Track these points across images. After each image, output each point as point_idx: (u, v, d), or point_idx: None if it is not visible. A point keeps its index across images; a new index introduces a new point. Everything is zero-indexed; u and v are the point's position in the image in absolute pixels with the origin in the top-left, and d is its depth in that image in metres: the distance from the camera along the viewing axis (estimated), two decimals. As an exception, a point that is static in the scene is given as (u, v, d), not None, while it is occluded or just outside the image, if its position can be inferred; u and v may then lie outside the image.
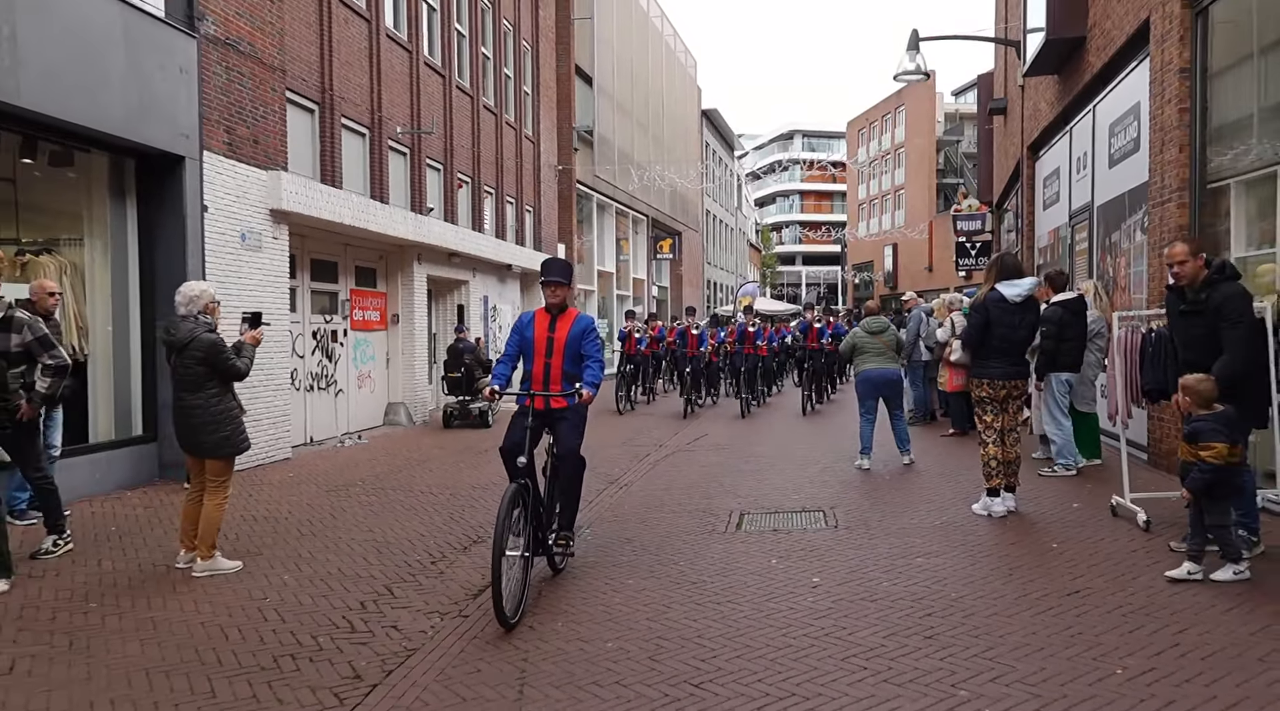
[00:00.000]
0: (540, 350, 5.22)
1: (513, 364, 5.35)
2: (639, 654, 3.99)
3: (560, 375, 5.19)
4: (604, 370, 5.43)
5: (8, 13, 6.48)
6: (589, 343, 5.27)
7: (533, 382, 5.21)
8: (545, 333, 5.25)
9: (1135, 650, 3.76)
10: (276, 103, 10.12)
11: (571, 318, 5.31)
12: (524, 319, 5.41)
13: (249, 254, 9.56)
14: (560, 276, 5.31)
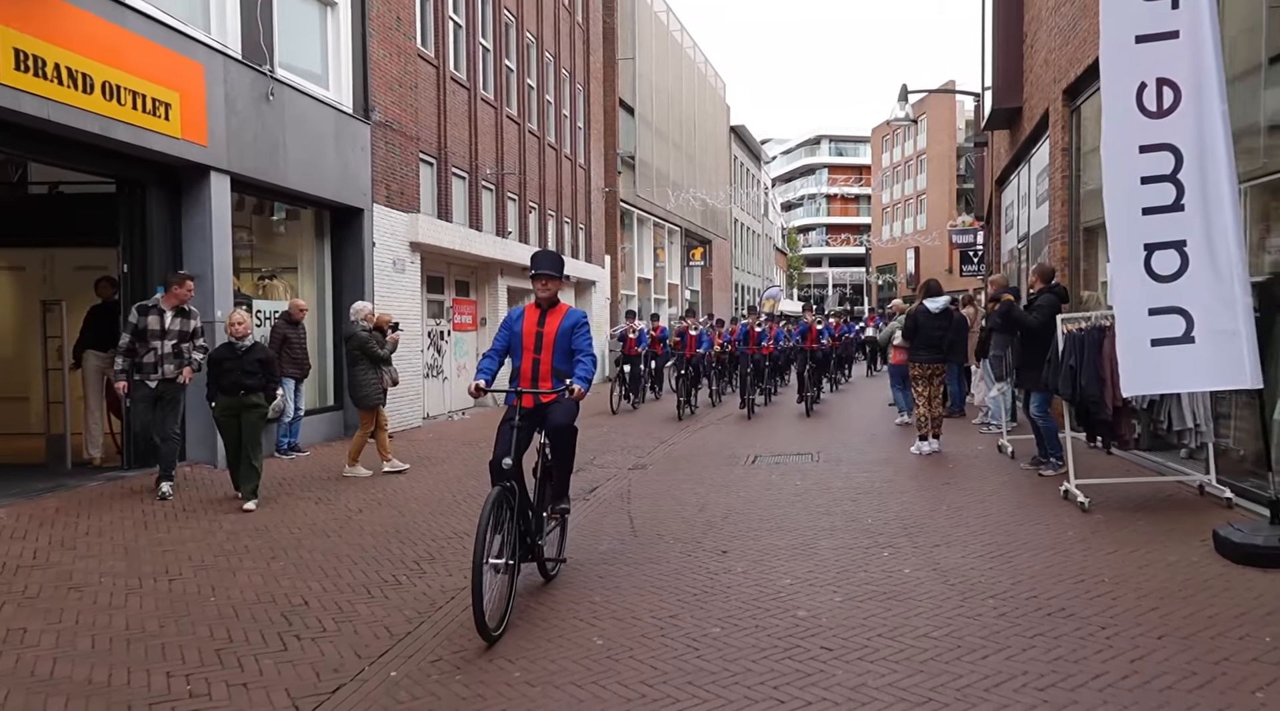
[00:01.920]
0: (529, 346, 4.98)
1: (499, 359, 5.10)
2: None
3: (550, 372, 4.96)
4: (597, 366, 5.15)
5: (281, 129, 10.06)
6: (580, 337, 5.01)
7: (521, 379, 5.00)
8: (534, 327, 5.00)
9: (969, 502, 7.13)
10: (413, 163, 13.69)
11: (562, 312, 5.06)
12: (513, 314, 5.16)
13: (398, 275, 13.14)
14: (550, 269, 5.03)
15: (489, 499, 4.25)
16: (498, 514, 4.30)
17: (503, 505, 4.37)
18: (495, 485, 4.45)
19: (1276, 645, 3.84)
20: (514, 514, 4.48)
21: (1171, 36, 5.14)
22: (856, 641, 4.07)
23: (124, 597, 4.94)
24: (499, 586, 4.38)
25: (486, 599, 4.09)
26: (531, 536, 4.76)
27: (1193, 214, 5.15)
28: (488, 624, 4.04)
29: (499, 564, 4.32)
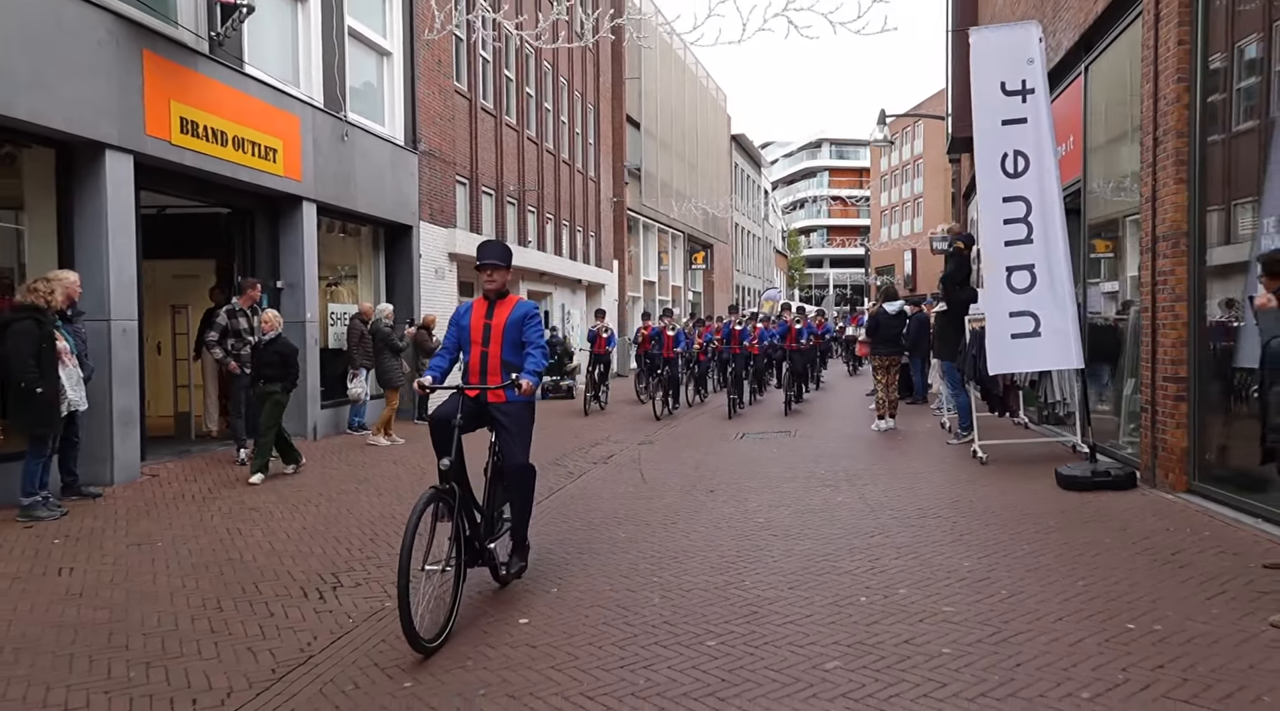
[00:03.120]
0: (477, 339, 4.85)
1: (451, 356, 4.95)
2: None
3: (498, 365, 4.80)
4: (547, 359, 4.96)
5: (351, 163, 12.25)
6: (530, 329, 4.85)
7: (469, 374, 4.88)
8: (482, 320, 4.86)
9: (901, 461, 9.29)
10: (450, 184, 15.89)
11: (511, 304, 4.90)
12: (461, 308, 5.03)
13: (439, 281, 15.34)
14: (496, 259, 4.87)
15: (418, 502, 4.06)
16: (435, 515, 4.20)
17: (437, 508, 4.20)
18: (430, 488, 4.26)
19: (1057, 526, 6.01)
20: (452, 514, 4.27)
21: (1022, 121, 7.32)
22: (794, 532, 6.22)
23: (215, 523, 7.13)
24: (436, 593, 4.24)
25: (418, 607, 3.97)
26: (480, 540, 4.57)
27: (1038, 246, 7.32)
28: (419, 633, 3.85)
29: (434, 570, 4.17)
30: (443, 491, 4.26)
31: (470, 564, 4.50)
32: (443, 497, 4.26)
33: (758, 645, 3.99)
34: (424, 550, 4.08)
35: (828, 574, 5.09)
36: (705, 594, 4.78)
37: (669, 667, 3.79)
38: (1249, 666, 3.53)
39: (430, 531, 4.16)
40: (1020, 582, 4.78)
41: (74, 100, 7.49)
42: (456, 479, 4.39)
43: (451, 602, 4.23)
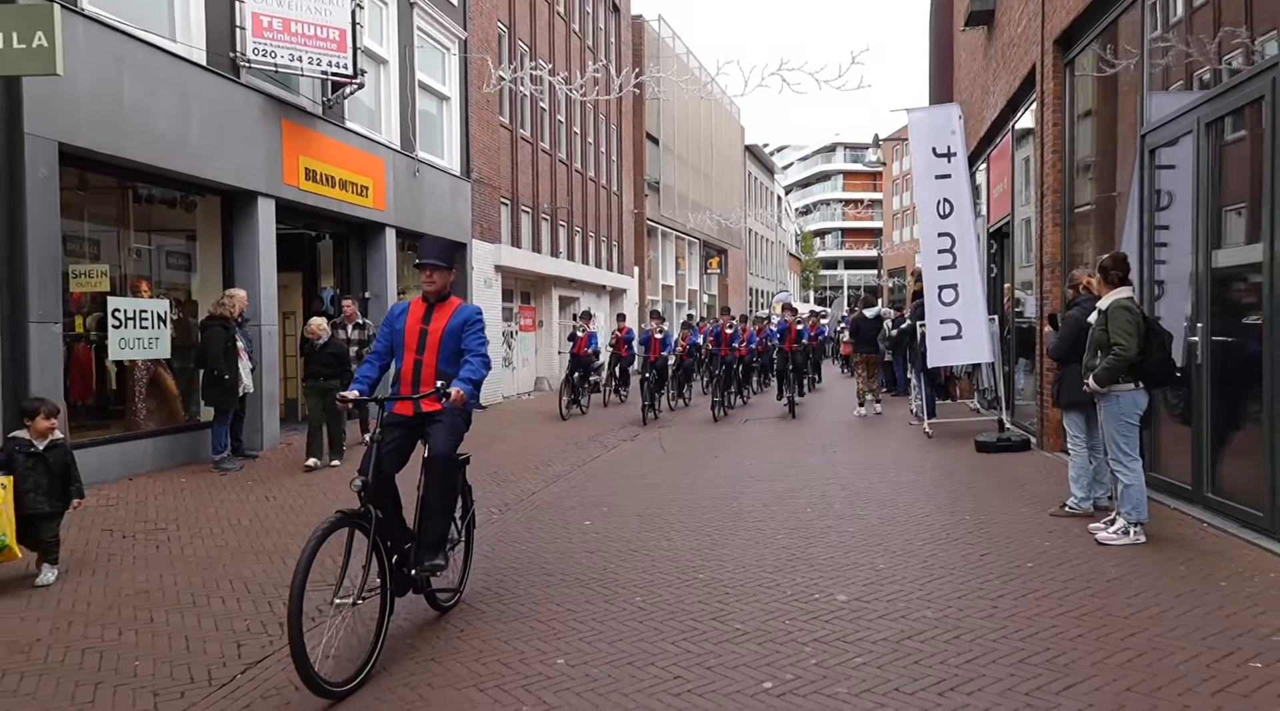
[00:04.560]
0: (410, 345, 4.39)
1: (380, 363, 4.49)
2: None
3: (433, 375, 4.32)
4: (488, 369, 4.45)
5: (420, 193, 14.79)
6: (470, 335, 4.40)
7: (401, 384, 4.42)
8: (418, 324, 4.40)
9: (868, 436, 11.72)
10: (495, 206, 18.43)
11: (451, 307, 4.45)
12: (395, 309, 4.58)
13: (487, 289, 17.87)
14: (436, 259, 4.42)
15: (318, 529, 3.62)
16: (349, 542, 3.76)
17: (350, 534, 3.78)
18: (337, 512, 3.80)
19: (958, 472, 8.43)
20: (370, 542, 3.82)
21: (948, 176, 9.74)
22: (770, 476, 8.65)
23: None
24: (350, 630, 3.88)
25: (323, 646, 3.64)
26: (409, 566, 4.20)
27: (960, 270, 9.74)
28: (319, 676, 3.43)
29: (344, 603, 3.69)
30: (353, 515, 3.80)
31: (400, 592, 4.13)
32: (355, 522, 3.80)
33: (737, 532, 6.42)
34: (336, 581, 3.70)
35: (788, 498, 7.53)
36: (710, 514, 7.23)
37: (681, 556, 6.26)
38: (1030, 536, 5.94)
39: (343, 560, 3.73)
40: (913, 501, 7.21)
41: (238, 161, 10.05)
42: (378, 500, 3.98)
43: (374, 640, 3.82)
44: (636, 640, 4.13)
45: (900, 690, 3.48)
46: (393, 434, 4.31)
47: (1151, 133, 6.79)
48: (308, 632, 3.50)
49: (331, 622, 3.81)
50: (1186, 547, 5.36)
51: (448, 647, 4.14)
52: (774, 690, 3.52)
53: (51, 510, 5.32)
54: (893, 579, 4.98)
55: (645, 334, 15.61)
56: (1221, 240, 5.89)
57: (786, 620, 4.34)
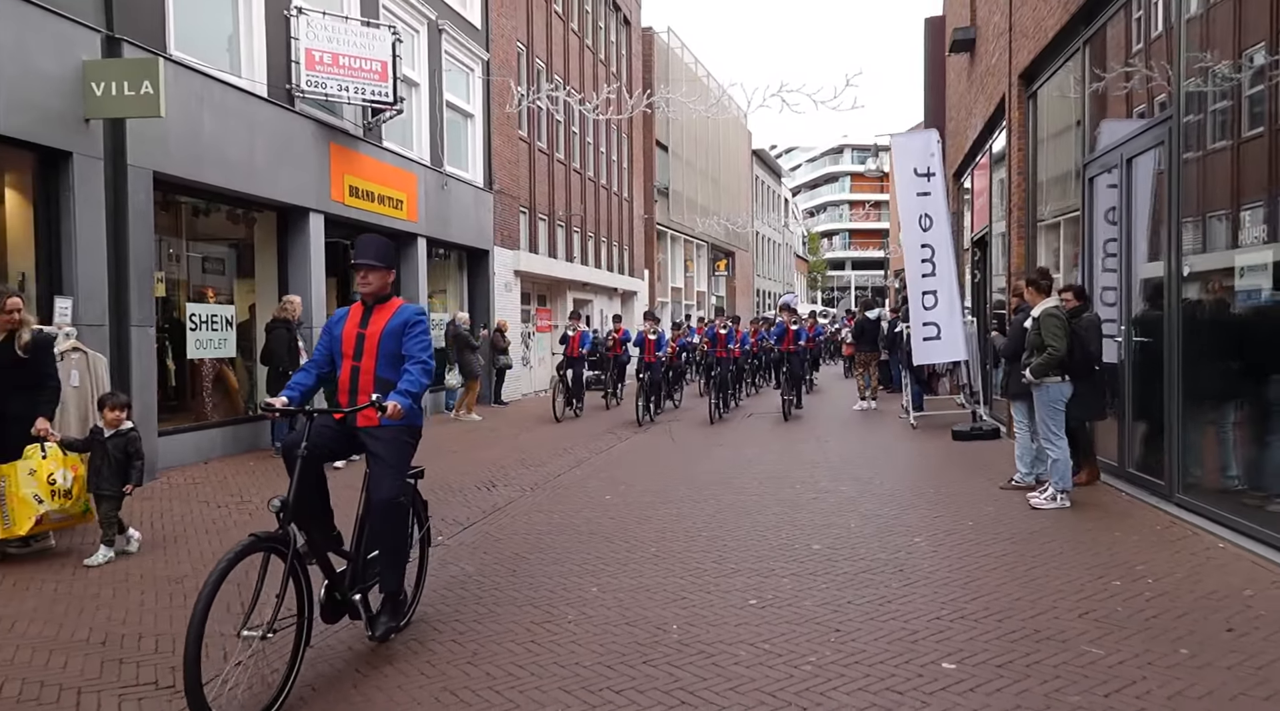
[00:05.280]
0: (348, 351, 4.10)
1: (318, 371, 4.19)
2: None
3: (372, 383, 4.05)
4: (430, 376, 4.10)
5: (448, 205, 16.00)
6: (412, 340, 4.08)
7: (339, 392, 4.13)
8: (355, 329, 4.12)
9: (862, 428, 12.87)
10: (515, 214, 19.63)
11: (391, 310, 4.14)
12: (335, 315, 4.28)
13: (507, 292, 19.07)
14: (372, 259, 4.11)
15: (227, 554, 3.33)
16: (263, 567, 3.47)
17: (265, 559, 3.49)
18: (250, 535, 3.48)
19: (932, 455, 9.57)
20: (288, 567, 3.49)
21: (928, 194, 10.88)
22: (767, 462, 9.81)
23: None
24: (258, 664, 3.62)
25: (218, 680, 3.38)
26: (343, 589, 3.90)
27: (940, 278, 10.89)
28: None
29: (252, 636, 3.36)
30: (268, 538, 3.48)
31: (331, 620, 3.89)
32: (270, 546, 3.49)
33: (735, 503, 7.57)
34: (245, 610, 3.36)
35: (782, 478, 8.69)
36: (713, 490, 8.39)
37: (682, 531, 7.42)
38: (979, 503, 7.08)
39: (255, 588, 3.39)
40: (888, 479, 8.36)
41: (293, 181, 11.27)
42: (302, 520, 3.71)
43: (286, 674, 3.53)
44: (653, 575, 5.29)
45: (852, 602, 4.64)
46: (325, 422, 4.02)
47: (1090, 163, 7.93)
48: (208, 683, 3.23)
49: (237, 657, 3.48)
50: (1102, 510, 6.51)
51: (511, 582, 5.31)
52: (757, 605, 4.68)
53: (108, 493, 5.82)
54: (859, 534, 6.14)
55: (639, 335, 15.44)
56: (1136, 257, 7.03)
57: (771, 562, 5.49)
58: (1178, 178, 6.23)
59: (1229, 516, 5.62)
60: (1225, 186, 5.96)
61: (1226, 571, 4.89)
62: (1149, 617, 4.19)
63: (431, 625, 4.49)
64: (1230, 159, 5.87)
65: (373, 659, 4.08)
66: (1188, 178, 6.20)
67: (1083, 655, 3.77)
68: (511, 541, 6.24)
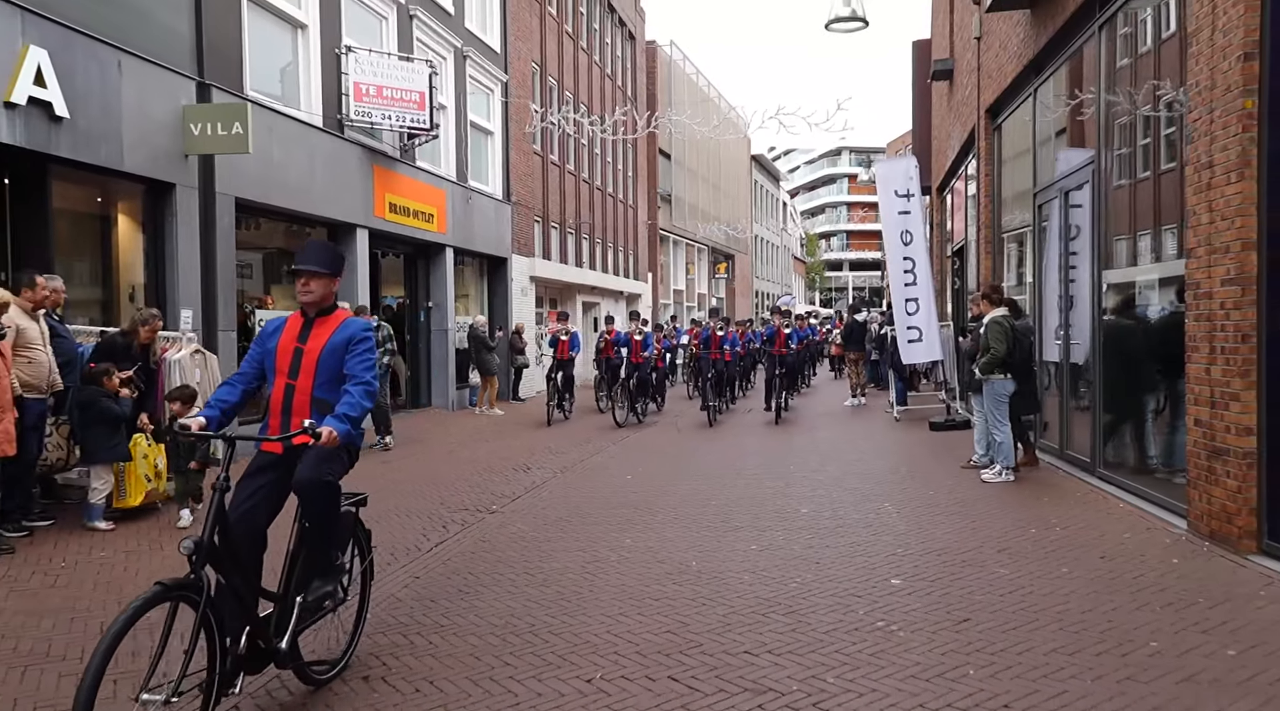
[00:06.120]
0: (283, 366, 3.65)
1: (244, 386, 3.71)
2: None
3: (309, 404, 3.62)
4: (373, 400, 3.66)
5: (471, 217, 17.38)
6: (356, 358, 3.64)
7: (270, 414, 3.69)
8: (292, 342, 3.68)
9: (850, 422, 14.27)
10: (530, 223, 21.02)
11: (335, 322, 3.72)
12: (269, 325, 3.82)
13: (524, 296, 20.46)
14: (315, 265, 3.69)
15: (129, 608, 2.86)
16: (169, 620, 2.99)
17: (173, 610, 3.01)
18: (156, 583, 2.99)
19: (910, 443, 10.95)
20: (200, 617, 3.05)
21: (908, 212, 12.28)
22: (764, 450, 11.18)
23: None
24: None
25: None
26: (269, 638, 3.43)
27: (920, 287, 12.28)
28: None
29: (154, 701, 2.94)
30: (176, 587, 3.04)
31: (253, 671, 3.48)
32: (180, 594, 3.05)
33: (737, 481, 8.94)
34: (147, 669, 3.00)
35: (777, 462, 10.07)
36: (718, 471, 9.76)
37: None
38: (941, 479, 8.45)
39: (159, 643, 3.01)
40: (869, 461, 9.75)
41: (344, 200, 12.66)
42: (219, 562, 3.26)
43: None
44: (674, 532, 6.66)
45: (829, 547, 6.02)
46: (260, 480, 3.58)
47: (1039, 192, 9.32)
48: None
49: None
50: (1039, 484, 7.91)
51: (561, 537, 6.69)
52: (756, 549, 6.05)
53: (178, 470, 7.06)
54: (840, 502, 7.53)
55: (624, 336, 15.23)
56: (1070, 274, 8.42)
57: (768, 522, 6.88)
58: (1099, 209, 7.62)
59: (1133, 484, 7.01)
60: (1130, 218, 7.36)
61: (1117, 522, 6.29)
62: (1048, 552, 5.59)
63: (504, 567, 5.87)
64: (1131, 197, 7.26)
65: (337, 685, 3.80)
66: (1108, 209, 7.58)
67: (994, 574, 5.16)
68: (554, 509, 7.63)
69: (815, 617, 4.54)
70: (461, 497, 8.20)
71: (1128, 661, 3.79)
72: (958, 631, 4.24)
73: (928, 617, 4.46)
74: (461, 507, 7.71)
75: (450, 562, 5.89)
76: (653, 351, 15.50)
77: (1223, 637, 4.02)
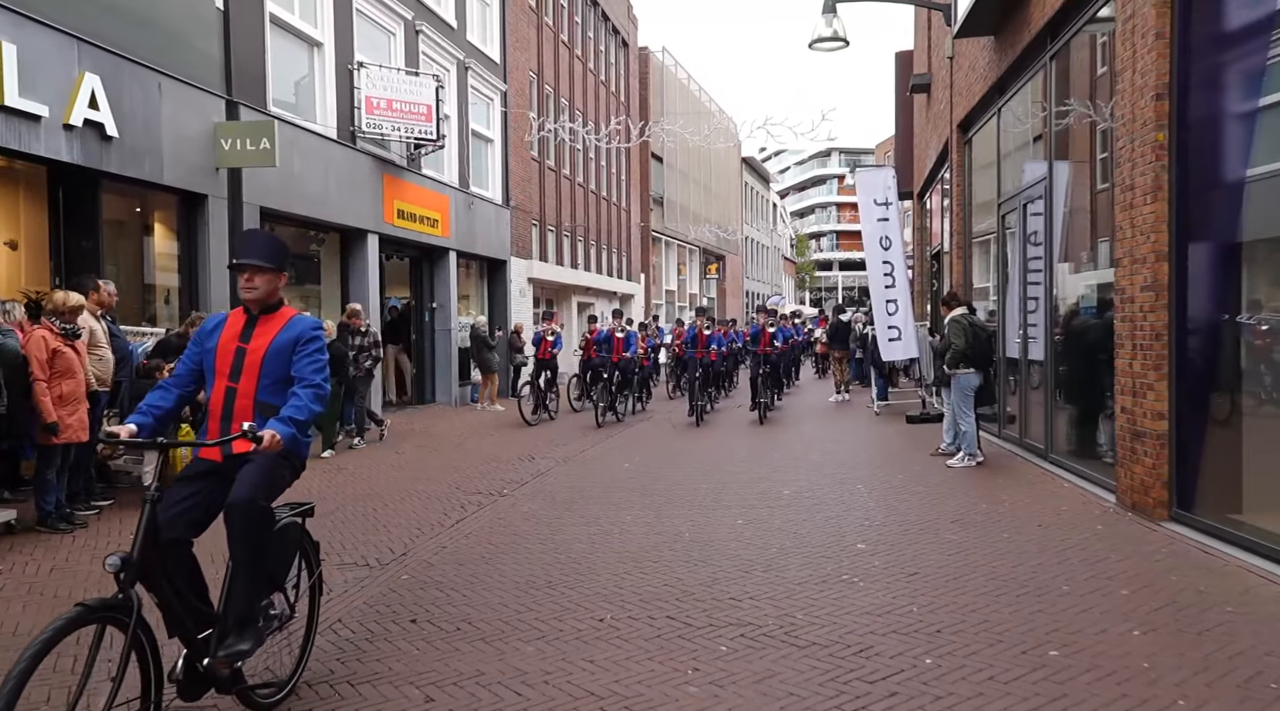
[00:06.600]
0: (223, 368, 3.38)
1: (180, 390, 3.42)
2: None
3: (251, 407, 3.34)
4: (322, 404, 3.43)
5: (473, 222, 18.15)
6: (304, 359, 3.40)
7: (209, 418, 3.40)
8: (233, 342, 3.40)
9: (834, 416, 15.12)
10: (528, 227, 21.80)
11: (282, 321, 3.46)
12: (209, 323, 3.54)
13: (522, 297, 21.24)
14: (258, 258, 3.39)
15: (47, 630, 2.61)
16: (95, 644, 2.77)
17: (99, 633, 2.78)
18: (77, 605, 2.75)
19: (886, 435, 11.79)
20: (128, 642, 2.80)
21: (886, 219, 13.12)
22: (751, 441, 12.00)
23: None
24: None
25: None
26: (201, 658, 3.16)
27: (898, 289, 13.12)
28: None
29: None
30: (102, 607, 2.79)
31: (192, 697, 3.21)
32: (106, 615, 2.80)
33: (726, 468, 9.75)
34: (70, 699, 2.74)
35: (764, 451, 10.89)
36: (709, 459, 10.57)
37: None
38: (911, 465, 9.28)
39: (84, 669, 2.73)
40: (847, 450, 10.58)
41: (356, 207, 13.43)
42: (152, 579, 2.99)
43: None
44: (669, 509, 7.46)
45: (806, 520, 6.84)
46: (190, 488, 3.30)
47: (1002, 203, 10.17)
48: None
49: None
50: (997, 468, 8.75)
51: (568, 514, 7.49)
52: (743, 524, 6.86)
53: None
54: (819, 484, 8.35)
55: (605, 333, 15.12)
56: (1031, 278, 9.27)
57: (753, 501, 7.69)
58: (1050, 221, 8.46)
59: (1077, 466, 7.87)
60: (1079, 229, 8.20)
61: (1059, 499, 7.14)
62: (993, 522, 6.43)
63: (519, 539, 6.67)
64: (1079, 211, 8.11)
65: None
66: (1059, 221, 8.43)
67: (945, 540, 5.99)
68: (559, 492, 8.43)
69: (790, 573, 5.36)
70: (474, 483, 8.99)
71: (1041, 599, 4.63)
72: (908, 582, 5.07)
73: (885, 572, 5.29)
74: (475, 491, 8.51)
75: (472, 535, 6.69)
76: (635, 350, 15.33)
77: (1121, 583, 4.86)
